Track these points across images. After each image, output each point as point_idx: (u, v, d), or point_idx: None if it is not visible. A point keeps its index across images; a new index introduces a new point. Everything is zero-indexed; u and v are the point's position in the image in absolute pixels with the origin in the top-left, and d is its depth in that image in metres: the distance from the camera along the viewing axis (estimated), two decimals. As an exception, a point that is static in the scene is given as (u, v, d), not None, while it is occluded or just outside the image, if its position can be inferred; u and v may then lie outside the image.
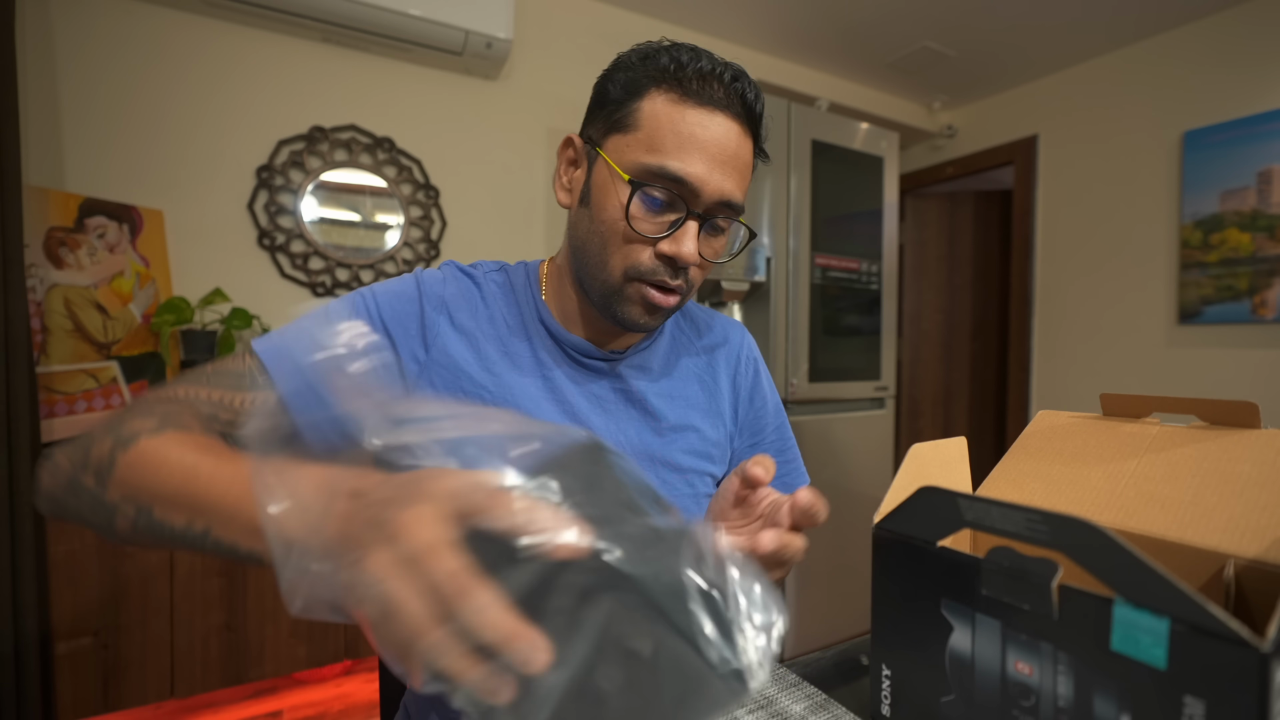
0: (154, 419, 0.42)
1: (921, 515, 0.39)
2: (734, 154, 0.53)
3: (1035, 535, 0.32)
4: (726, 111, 0.52)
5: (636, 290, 0.55)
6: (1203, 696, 0.27)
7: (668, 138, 0.51)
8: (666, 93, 0.52)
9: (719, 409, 0.67)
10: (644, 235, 0.53)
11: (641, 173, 0.52)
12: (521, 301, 0.62)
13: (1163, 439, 0.47)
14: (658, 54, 0.53)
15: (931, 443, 0.50)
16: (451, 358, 0.57)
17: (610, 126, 0.54)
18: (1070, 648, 0.31)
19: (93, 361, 1.40)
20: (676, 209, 0.53)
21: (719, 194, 0.53)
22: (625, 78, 0.54)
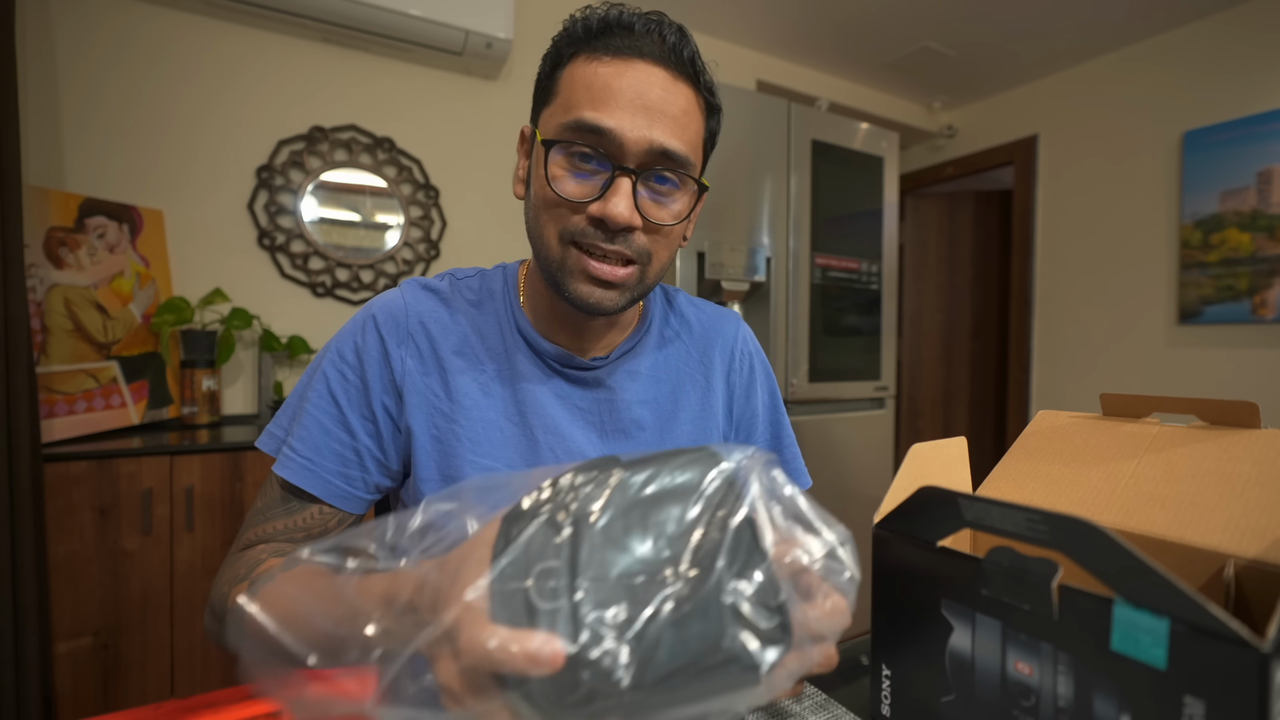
0: (264, 569, 0.47)
1: (921, 515, 0.38)
2: (660, 100, 0.48)
3: (1036, 535, 0.31)
4: (645, 58, 0.48)
5: (576, 260, 0.51)
6: (1203, 696, 0.26)
7: (581, 94, 0.48)
8: (581, 54, 0.50)
9: (711, 410, 0.64)
10: (570, 199, 0.49)
11: (560, 133, 0.49)
12: (499, 310, 0.59)
13: (1163, 439, 0.47)
14: (574, 23, 0.51)
15: (931, 443, 0.50)
16: (421, 395, 0.56)
17: (540, 104, 0.53)
18: (1070, 648, 0.31)
19: (93, 361, 1.40)
20: (604, 167, 0.49)
21: (646, 142, 0.48)
22: (548, 52, 0.53)
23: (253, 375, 1.78)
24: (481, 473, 0.55)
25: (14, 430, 1.15)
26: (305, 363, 1.82)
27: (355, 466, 0.54)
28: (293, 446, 0.54)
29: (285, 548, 0.52)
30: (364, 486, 0.55)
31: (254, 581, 0.42)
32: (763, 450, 0.31)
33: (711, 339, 0.67)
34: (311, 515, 0.53)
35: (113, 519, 1.26)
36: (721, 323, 0.68)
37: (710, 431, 0.64)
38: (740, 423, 0.67)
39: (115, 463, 1.26)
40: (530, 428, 0.57)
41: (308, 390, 0.56)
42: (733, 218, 1.89)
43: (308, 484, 0.53)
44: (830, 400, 2.10)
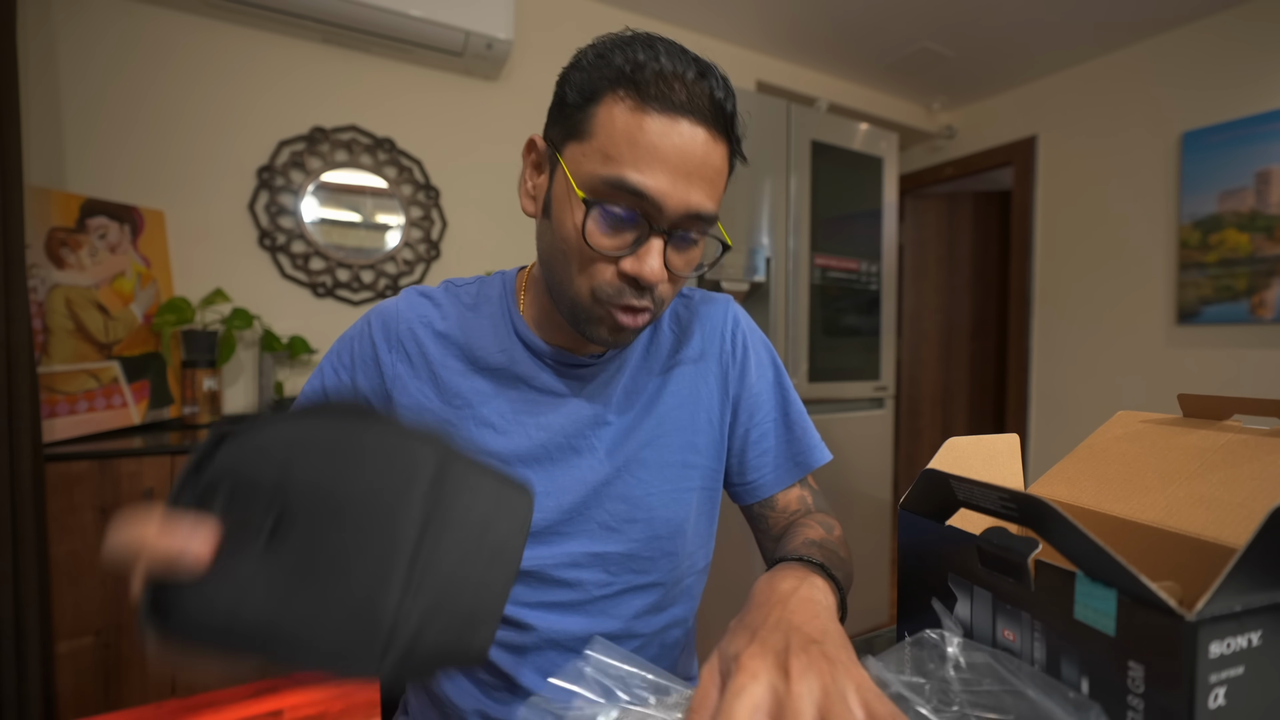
0: None
1: (929, 496, 0.42)
2: (701, 162, 0.48)
3: (1008, 513, 0.35)
4: (691, 116, 0.47)
5: (602, 311, 0.52)
6: (1142, 662, 0.29)
7: (625, 149, 0.47)
8: (623, 98, 0.47)
9: (700, 394, 0.64)
10: (604, 254, 0.49)
11: (598, 185, 0.47)
12: (496, 313, 0.61)
13: (1235, 445, 0.45)
14: (613, 52, 0.49)
15: (973, 437, 0.51)
16: (412, 398, 0.58)
17: (568, 132, 0.50)
18: (1043, 617, 0.34)
19: (94, 361, 1.40)
20: (638, 225, 0.49)
21: (684, 207, 0.48)
22: (580, 79, 0.50)
23: (254, 375, 1.78)
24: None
25: (15, 430, 1.15)
26: (306, 363, 1.82)
27: None
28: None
29: None
30: None
31: None
32: None
33: (699, 324, 0.67)
34: None
35: (114, 519, 1.26)
36: (709, 307, 0.68)
37: (700, 415, 0.64)
38: (740, 402, 0.66)
39: (116, 463, 1.26)
40: (524, 424, 0.58)
41: (307, 392, 0.59)
42: (732, 218, 1.89)
43: None
44: (830, 400, 2.10)
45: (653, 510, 0.61)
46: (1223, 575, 0.27)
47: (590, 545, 0.59)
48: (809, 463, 0.67)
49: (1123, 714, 0.30)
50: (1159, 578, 0.40)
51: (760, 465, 0.66)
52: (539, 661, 0.58)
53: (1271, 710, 0.30)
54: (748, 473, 0.67)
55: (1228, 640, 0.28)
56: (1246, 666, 0.29)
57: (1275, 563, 0.28)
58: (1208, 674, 0.28)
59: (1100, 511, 0.47)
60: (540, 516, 0.57)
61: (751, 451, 0.66)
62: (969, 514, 0.46)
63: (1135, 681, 0.29)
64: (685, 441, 0.63)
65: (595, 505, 0.59)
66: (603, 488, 0.59)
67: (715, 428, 0.65)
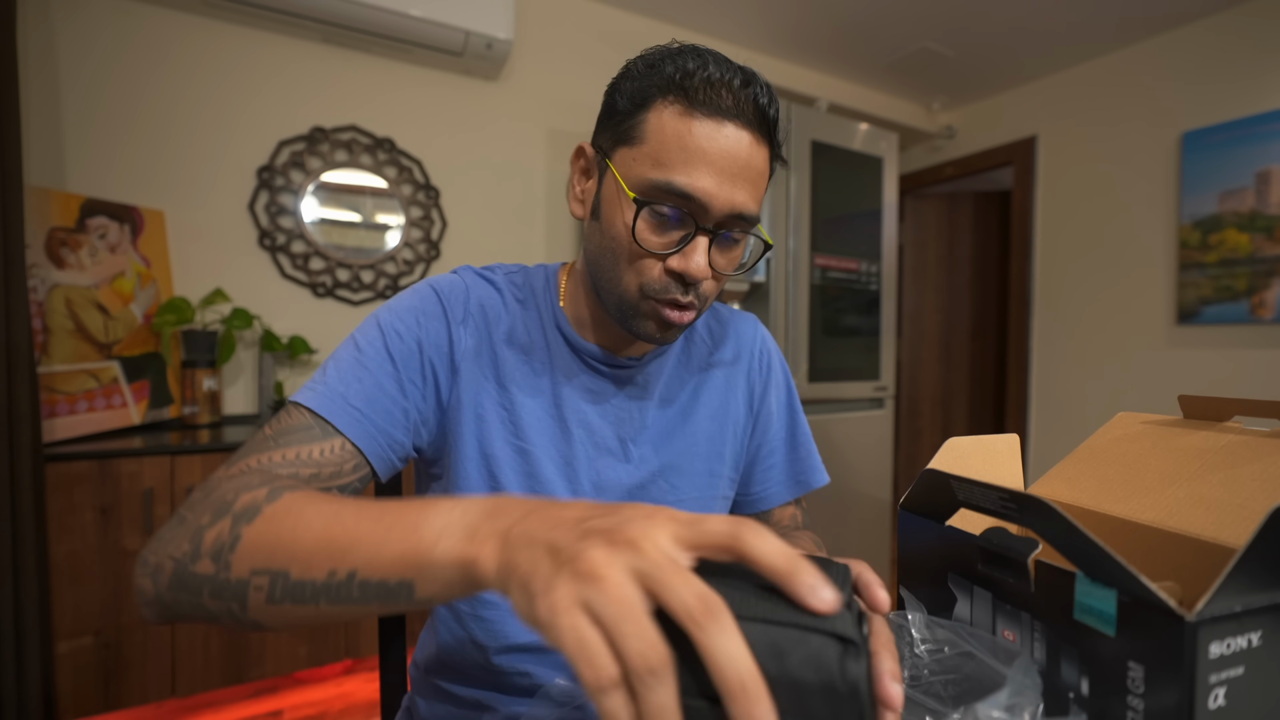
0: (260, 489, 0.39)
1: (929, 496, 0.42)
2: (745, 164, 0.51)
3: (1007, 513, 0.35)
4: (737, 120, 0.50)
5: (650, 307, 0.54)
6: (1142, 662, 0.29)
7: (674, 152, 0.49)
8: (672, 104, 0.50)
9: (729, 406, 0.67)
10: (652, 252, 0.52)
11: (648, 188, 0.50)
12: (541, 307, 0.62)
13: (1235, 447, 0.45)
14: (663, 62, 0.51)
15: (973, 437, 0.51)
16: (474, 374, 0.57)
17: (618, 138, 0.53)
18: (1043, 617, 0.34)
19: (94, 361, 1.40)
20: (685, 225, 0.51)
21: (729, 207, 0.51)
22: (631, 88, 0.52)
23: (253, 375, 1.78)
24: (518, 456, 0.57)
25: (15, 430, 1.15)
26: (306, 363, 1.82)
27: (401, 429, 0.54)
28: (344, 394, 0.51)
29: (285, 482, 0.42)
30: (395, 449, 0.54)
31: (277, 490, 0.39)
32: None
33: (730, 340, 0.70)
34: (333, 449, 0.49)
35: (114, 519, 1.26)
36: (740, 323, 0.72)
37: (729, 427, 0.66)
38: (759, 419, 0.70)
39: (116, 462, 1.26)
40: (565, 420, 0.59)
41: (359, 343, 0.54)
42: (732, 218, 1.89)
43: (343, 422, 0.50)
44: (830, 400, 2.10)
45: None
46: (1223, 575, 0.27)
47: None
48: (810, 483, 0.71)
49: (1123, 714, 0.30)
50: (1159, 578, 0.40)
51: (766, 479, 0.70)
52: (562, 663, 0.58)
53: (1271, 710, 0.30)
54: (753, 485, 0.70)
55: (1228, 640, 0.28)
56: (1246, 666, 0.29)
57: (1275, 563, 0.28)
58: (1208, 674, 0.28)
59: (1100, 512, 0.47)
60: None
61: (760, 466, 0.70)
62: (969, 514, 0.46)
63: (1135, 681, 0.29)
64: (715, 450, 0.65)
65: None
66: (638, 491, 0.61)
67: (739, 440, 0.68)
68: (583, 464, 0.59)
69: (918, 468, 3.39)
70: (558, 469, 0.58)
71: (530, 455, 0.58)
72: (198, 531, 0.39)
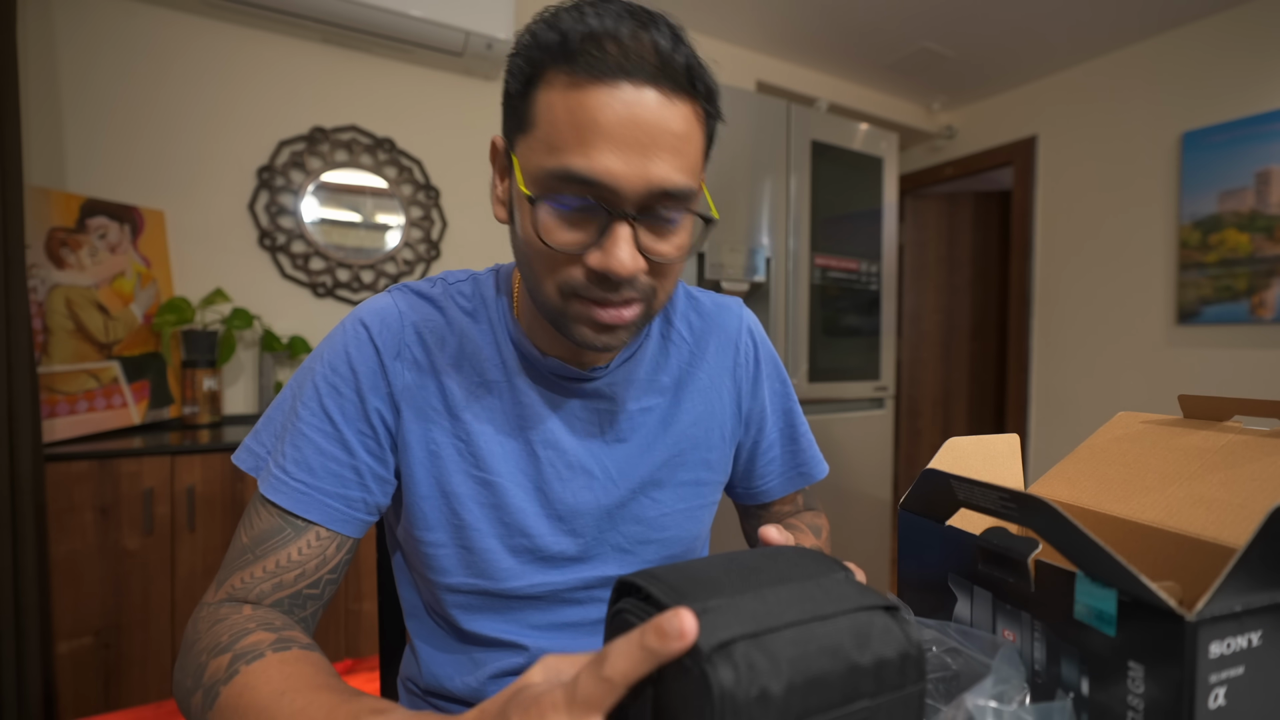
0: (224, 655, 0.42)
1: (929, 497, 0.42)
2: (656, 128, 0.41)
3: (1008, 513, 0.35)
4: (634, 78, 0.40)
5: (578, 310, 0.46)
6: (1143, 662, 0.29)
7: (565, 132, 0.41)
8: (557, 74, 0.42)
9: (715, 410, 0.62)
10: (565, 249, 0.44)
11: (546, 180, 0.42)
12: (494, 320, 0.55)
13: (1235, 446, 0.45)
14: (541, 27, 0.43)
15: (973, 437, 0.51)
16: (418, 409, 0.52)
17: (515, 125, 0.46)
18: (1043, 616, 0.34)
19: (94, 361, 1.40)
20: (598, 214, 0.43)
21: (644, 185, 0.42)
22: (516, 64, 0.44)
23: (254, 375, 1.78)
24: (481, 488, 0.53)
25: (15, 430, 1.15)
26: (306, 363, 1.82)
27: (355, 486, 0.50)
28: (285, 468, 0.49)
29: (273, 618, 0.45)
30: (364, 507, 0.51)
31: (236, 658, 0.41)
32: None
33: (712, 334, 0.63)
34: (308, 544, 0.49)
35: (114, 519, 1.26)
36: (722, 315, 0.64)
37: (715, 432, 0.61)
38: (751, 418, 0.65)
39: (116, 462, 1.26)
40: (530, 442, 0.54)
41: (296, 405, 0.51)
42: (732, 218, 1.89)
43: (304, 509, 0.48)
44: (830, 400, 2.10)
45: (668, 530, 0.59)
46: (1223, 575, 0.27)
47: (605, 569, 0.57)
48: (811, 475, 0.69)
49: (1123, 713, 0.30)
50: (1159, 578, 0.40)
51: (766, 474, 0.67)
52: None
53: (1271, 710, 0.30)
54: (754, 481, 0.68)
55: (1228, 640, 0.28)
56: (1246, 666, 0.29)
57: (1275, 563, 0.28)
58: (1208, 674, 0.28)
59: (1100, 511, 0.47)
60: (553, 542, 0.55)
61: (759, 462, 0.67)
62: (969, 514, 0.46)
63: (1135, 681, 0.29)
64: (700, 459, 0.61)
65: (610, 529, 0.57)
66: (617, 510, 0.57)
67: (727, 443, 0.64)
68: (555, 488, 0.54)
69: (918, 468, 3.39)
70: (528, 496, 0.54)
71: (495, 485, 0.53)
72: (204, 663, 0.42)
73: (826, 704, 0.24)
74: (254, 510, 0.50)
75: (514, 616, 0.55)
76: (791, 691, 0.23)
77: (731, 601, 0.25)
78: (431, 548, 0.54)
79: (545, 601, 0.56)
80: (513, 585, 0.54)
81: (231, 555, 0.49)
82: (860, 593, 0.28)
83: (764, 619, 0.25)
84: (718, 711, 0.22)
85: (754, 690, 0.23)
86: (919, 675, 0.27)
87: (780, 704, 0.23)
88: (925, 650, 0.36)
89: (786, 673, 0.23)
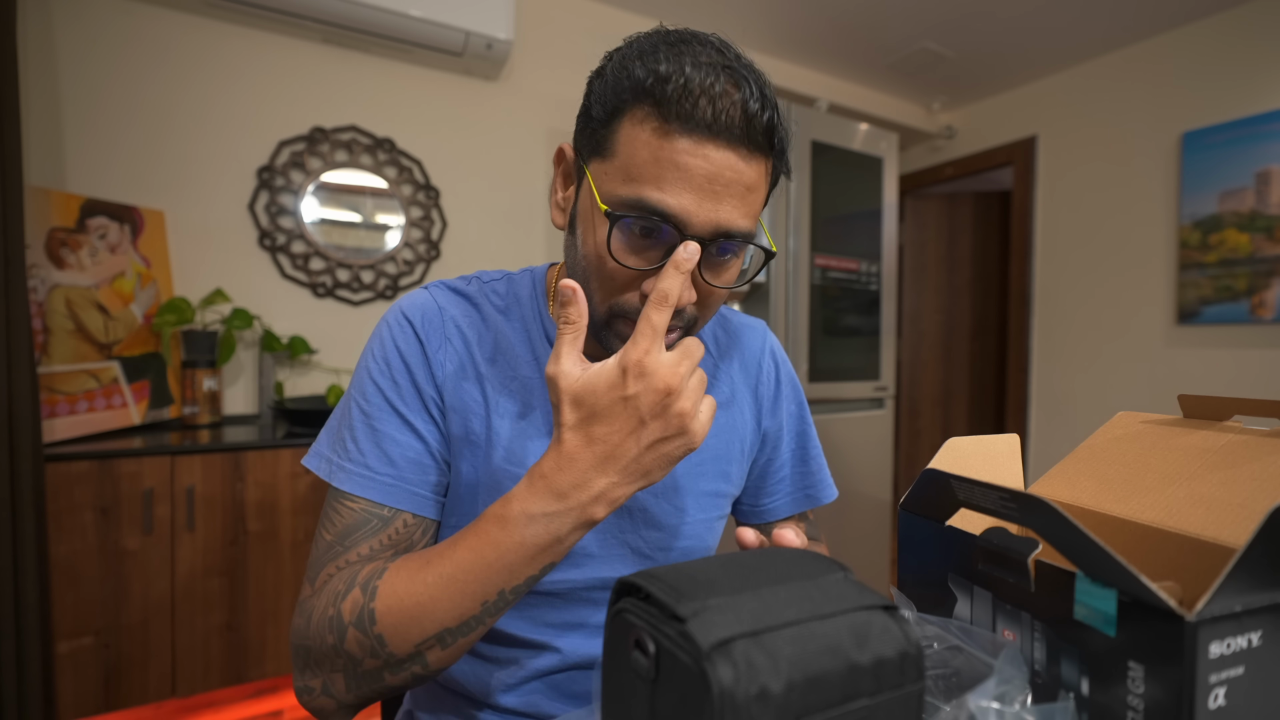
0: (367, 573, 0.45)
1: (929, 496, 0.42)
2: (732, 182, 0.44)
3: (1008, 513, 0.35)
4: (719, 138, 0.43)
5: (623, 329, 0.48)
6: (1143, 662, 0.29)
7: (645, 167, 0.43)
8: (645, 116, 0.43)
9: (737, 425, 0.63)
10: (629, 267, 0.46)
11: (619, 205, 0.44)
12: (528, 318, 0.57)
13: (1235, 446, 0.45)
14: (635, 61, 0.45)
15: (973, 437, 0.51)
16: (459, 399, 0.54)
17: (592, 147, 0.47)
18: (1043, 616, 0.34)
19: (94, 362, 1.40)
20: (665, 240, 0.45)
21: (712, 225, 0.44)
22: (602, 91, 0.47)
23: (254, 375, 1.78)
24: (511, 482, 0.54)
25: (15, 430, 1.15)
26: (306, 363, 1.82)
27: (434, 471, 0.53)
28: (367, 464, 0.50)
29: (377, 565, 0.47)
30: (443, 489, 0.54)
31: (366, 584, 0.43)
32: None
33: (737, 351, 0.65)
34: (397, 530, 0.50)
35: (114, 519, 1.26)
36: (746, 334, 0.67)
37: (735, 445, 0.63)
38: (768, 436, 0.66)
39: (116, 463, 1.26)
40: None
41: (362, 405, 0.52)
42: (732, 218, 1.89)
43: (393, 499, 0.50)
44: (830, 400, 2.10)
45: (686, 539, 0.60)
46: (1223, 575, 0.27)
47: (622, 570, 0.58)
48: (819, 498, 0.69)
49: (1123, 714, 0.30)
50: (1159, 578, 0.40)
51: (775, 493, 0.68)
52: (564, 684, 0.57)
53: (1272, 710, 0.30)
54: (761, 498, 0.68)
55: (1228, 640, 0.28)
56: (1246, 666, 0.29)
57: (1275, 563, 0.28)
58: (1208, 674, 0.28)
59: (1100, 511, 0.47)
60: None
61: (769, 480, 0.68)
62: (969, 514, 0.46)
63: (1135, 681, 0.29)
64: (720, 471, 0.62)
65: (630, 530, 0.58)
66: (639, 513, 0.58)
67: (745, 459, 0.65)
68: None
69: (918, 468, 3.39)
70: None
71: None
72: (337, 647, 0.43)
73: (826, 702, 0.24)
74: (333, 510, 0.50)
75: (532, 614, 0.56)
76: (791, 690, 0.23)
77: (731, 600, 0.25)
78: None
79: (562, 599, 0.56)
80: None
81: (318, 554, 0.50)
82: (859, 592, 0.28)
83: (763, 618, 0.25)
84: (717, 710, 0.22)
85: (753, 688, 0.23)
86: (918, 674, 0.27)
87: (779, 702, 0.23)
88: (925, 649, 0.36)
89: (786, 671, 0.23)
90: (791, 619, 0.25)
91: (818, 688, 0.24)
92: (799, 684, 0.24)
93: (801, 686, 0.24)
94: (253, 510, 1.38)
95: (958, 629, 0.37)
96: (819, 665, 0.24)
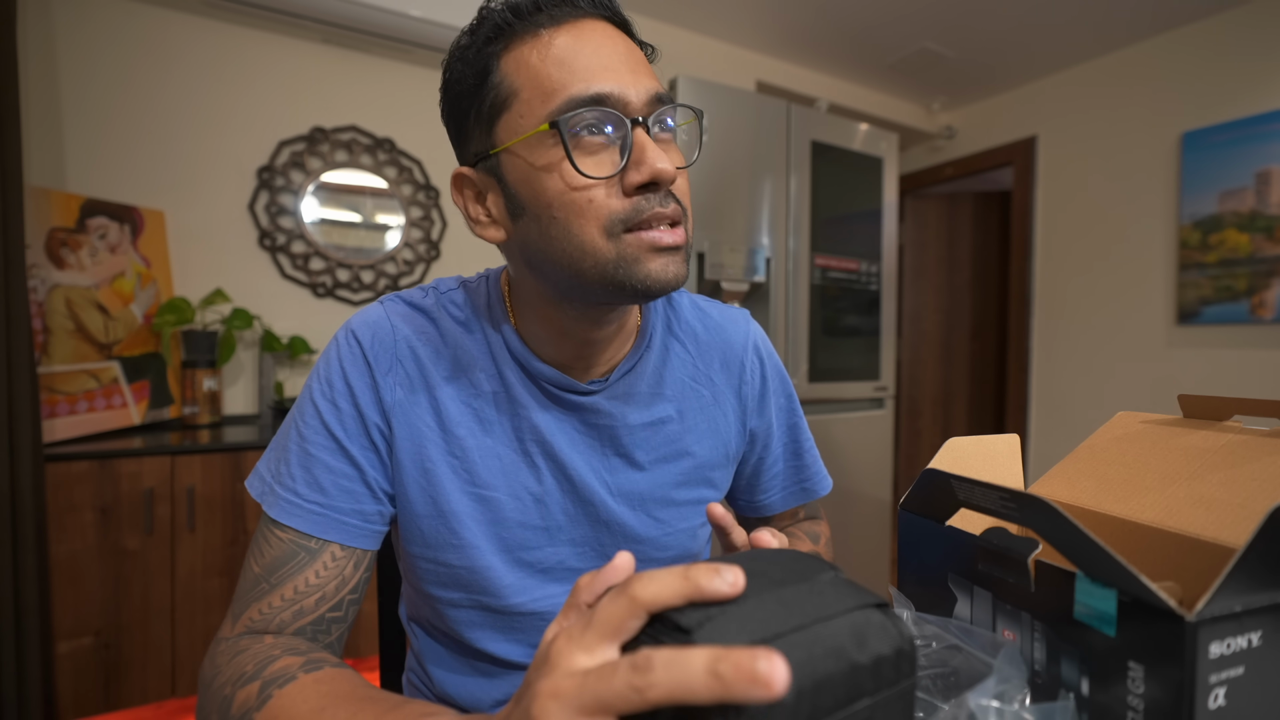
0: (276, 669, 0.41)
1: (929, 496, 0.42)
2: (625, 50, 0.45)
3: (1007, 513, 0.35)
4: (591, 15, 0.45)
5: (634, 242, 0.44)
6: (1143, 662, 0.29)
7: (552, 74, 0.43)
8: (519, 41, 0.44)
9: (720, 428, 0.61)
10: (603, 177, 0.43)
11: (553, 115, 0.43)
12: (488, 328, 0.54)
13: (1235, 446, 0.45)
14: (480, 24, 0.45)
15: (973, 437, 0.51)
16: (410, 425, 0.51)
17: (490, 122, 0.46)
18: (1043, 616, 0.34)
19: (94, 362, 1.41)
20: (617, 130, 0.44)
21: (646, 91, 0.44)
22: (465, 69, 0.46)
23: (254, 375, 1.78)
24: (479, 505, 0.52)
25: (15, 430, 1.15)
26: (306, 363, 1.82)
27: (368, 500, 0.50)
28: (296, 490, 0.48)
29: (297, 644, 0.45)
30: (379, 519, 0.51)
31: (266, 684, 0.40)
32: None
33: (718, 349, 0.62)
34: (325, 565, 0.48)
35: (114, 519, 1.26)
36: (728, 329, 0.63)
37: (719, 451, 0.60)
38: (756, 436, 0.64)
39: (116, 463, 1.26)
40: (530, 455, 0.53)
41: (300, 427, 0.50)
42: (732, 218, 1.89)
43: (320, 529, 0.48)
44: (830, 400, 2.10)
45: (668, 549, 0.58)
46: (1223, 575, 0.27)
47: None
48: (814, 491, 0.68)
49: (1123, 714, 0.30)
50: (1159, 578, 0.40)
51: (769, 488, 0.67)
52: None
53: (1272, 710, 0.30)
54: (756, 495, 0.68)
55: (1228, 640, 0.28)
56: (1246, 666, 0.29)
57: (1275, 563, 0.28)
58: (1208, 674, 0.28)
59: (1100, 511, 0.47)
60: (552, 554, 0.54)
61: (763, 477, 0.67)
62: (969, 514, 0.46)
63: (1135, 681, 0.29)
64: (702, 477, 0.60)
65: (610, 544, 0.56)
66: (616, 526, 0.55)
67: (730, 461, 0.63)
68: (555, 501, 0.54)
69: (918, 468, 3.39)
70: (526, 507, 0.53)
71: (492, 501, 0.52)
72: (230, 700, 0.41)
73: (833, 705, 0.24)
74: (263, 538, 0.48)
75: (519, 637, 0.55)
76: (801, 696, 0.23)
77: (734, 608, 0.25)
78: (431, 565, 0.53)
79: (545, 620, 0.55)
80: (516, 601, 0.53)
81: (244, 587, 0.47)
82: (854, 592, 0.28)
83: (770, 625, 0.25)
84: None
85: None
86: (911, 669, 0.27)
87: (790, 710, 0.23)
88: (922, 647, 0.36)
89: (795, 677, 0.23)
90: (796, 624, 0.25)
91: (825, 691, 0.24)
92: (808, 690, 0.23)
93: (810, 692, 0.24)
94: (253, 510, 1.38)
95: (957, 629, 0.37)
96: (825, 669, 0.24)
